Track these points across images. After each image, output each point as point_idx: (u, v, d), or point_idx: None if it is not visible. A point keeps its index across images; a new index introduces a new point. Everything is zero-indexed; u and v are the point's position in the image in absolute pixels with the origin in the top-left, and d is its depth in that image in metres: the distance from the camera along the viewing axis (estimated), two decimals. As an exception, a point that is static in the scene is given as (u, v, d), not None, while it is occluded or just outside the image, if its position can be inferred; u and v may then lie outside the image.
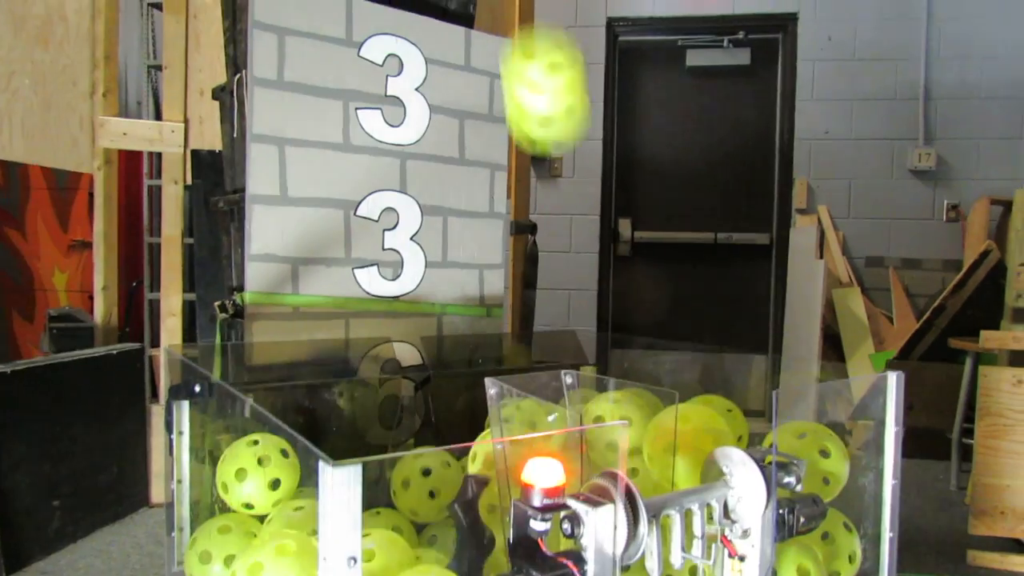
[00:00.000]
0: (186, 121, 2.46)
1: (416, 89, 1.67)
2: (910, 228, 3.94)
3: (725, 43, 4.15)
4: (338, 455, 0.64)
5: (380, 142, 1.62)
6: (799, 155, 4.03)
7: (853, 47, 3.97)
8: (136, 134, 2.38)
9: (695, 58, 4.19)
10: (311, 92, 1.53)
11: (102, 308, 2.43)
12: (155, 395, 2.76)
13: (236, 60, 2.08)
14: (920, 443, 3.05)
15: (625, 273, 4.34)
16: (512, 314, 2.79)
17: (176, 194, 2.42)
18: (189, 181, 2.49)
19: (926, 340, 2.97)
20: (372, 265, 1.63)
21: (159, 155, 4.32)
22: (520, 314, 2.85)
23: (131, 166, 4.57)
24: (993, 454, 1.93)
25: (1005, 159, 3.86)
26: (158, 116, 4.54)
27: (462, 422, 1.62)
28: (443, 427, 1.55)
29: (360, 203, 1.60)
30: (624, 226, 4.28)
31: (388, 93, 1.63)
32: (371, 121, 1.61)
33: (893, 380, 1.13)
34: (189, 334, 2.62)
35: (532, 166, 4.17)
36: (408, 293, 1.68)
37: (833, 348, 3.60)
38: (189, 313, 2.60)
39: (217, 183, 2.30)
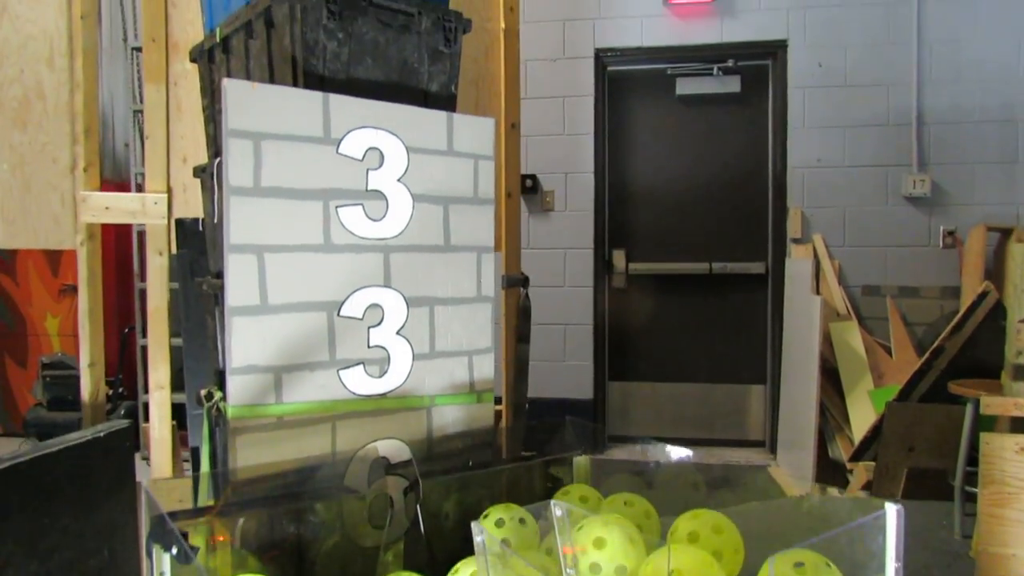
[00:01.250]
0: (169, 191, 2.42)
1: (398, 180, 1.64)
2: (906, 255, 3.91)
3: (715, 71, 4.11)
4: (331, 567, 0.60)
5: (362, 239, 1.59)
6: (792, 183, 4.00)
7: (844, 73, 3.94)
8: (119, 207, 2.34)
9: (685, 87, 4.16)
10: (290, 195, 1.49)
11: (89, 385, 2.39)
12: (146, 460, 2.72)
13: (216, 139, 2.05)
14: (922, 484, 3.03)
15: (621, 305, 4.30)
16: (506, 369, 2.76)
17: (161, 266, 2.39)
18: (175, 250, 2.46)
19: (926, 380, 2.94)
20: (358, 364, 1.59)
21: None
22: (515, 368, 2.82)
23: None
24: (998, 522, 1.90)
25: (1001, 183, 3.84)
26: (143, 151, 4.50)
27: (454, 527, 1.58)
28: (431, 534, 1.51)
29: (343, 303, 1.57)
30: (618, 258, 4.25)
31: (369, 188, 1.60)
32: (352, 218, 1.57)
33: (892, 517, 1.09)
34: (177, 380, 2.58)
35: (524, 201, 4.15)
36: (396, 389, 1.65)
37: (832, 382, 3.57)
38: (176, 359, 2.56)
39: (202, 251, 2.27)
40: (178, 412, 2.51)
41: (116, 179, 4.46)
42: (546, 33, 4.12)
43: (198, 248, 2.51)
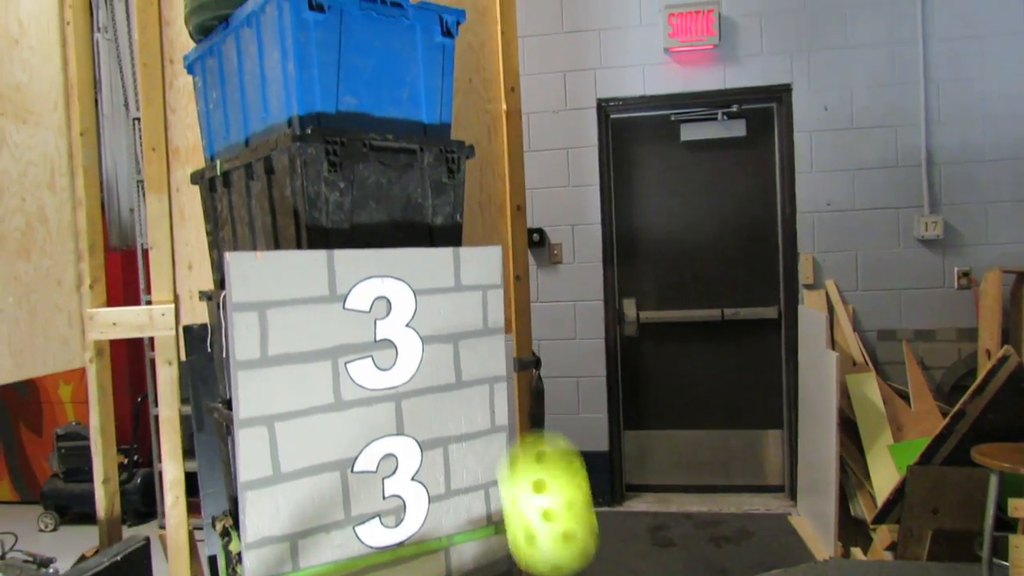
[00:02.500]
0: (176, 298, 2.41)
1: (406, 325, 1.61)
2: (921, 298, 3.86)
3: (719, 116, 4.07)
4: None
5: (373, 390, 1.57)
6: (802, 227, 3.95)
7: (850, 115, 3.89)
8: (126, 322, 2.33)
9: (689, 132, 4.12)
10: (298, 360, 1.47)
11: (104, 500, 2.38)
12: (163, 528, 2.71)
13: (221, 267, 2.03)
14: (948, 546, 2.98)
15: (633, 354, 4.27)
16: (521, 454, 2.73)
17: (171, 376, 2.37)
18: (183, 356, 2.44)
19: (948, 444, 2.90)
20: (373, 518, 1.57)
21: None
22: (529, 452, 2.79)
23: (128, 275, 4.54)
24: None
25: (1015, 222, 3.78)
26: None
27: None
28: None
29: (356, 458, 1.55)
30: (629, 306, 4.22)
31: (378, 338, 1.57)
32: (362, 371, 1.55)
33: None
34: (188, 443, 2.54)
35: (531, 254, 4.12)
36: (413, 535, 1.63)
37: (850, 433, 3.53)
38: (187, 427, 2.52)
39: (212, 358, 2.25)
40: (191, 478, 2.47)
41: (122, 246, 4.46)
42: (547, 85, 4.09)
43: (206, 355, 2.50)
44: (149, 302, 4.30)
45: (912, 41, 3.81)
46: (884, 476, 3.28)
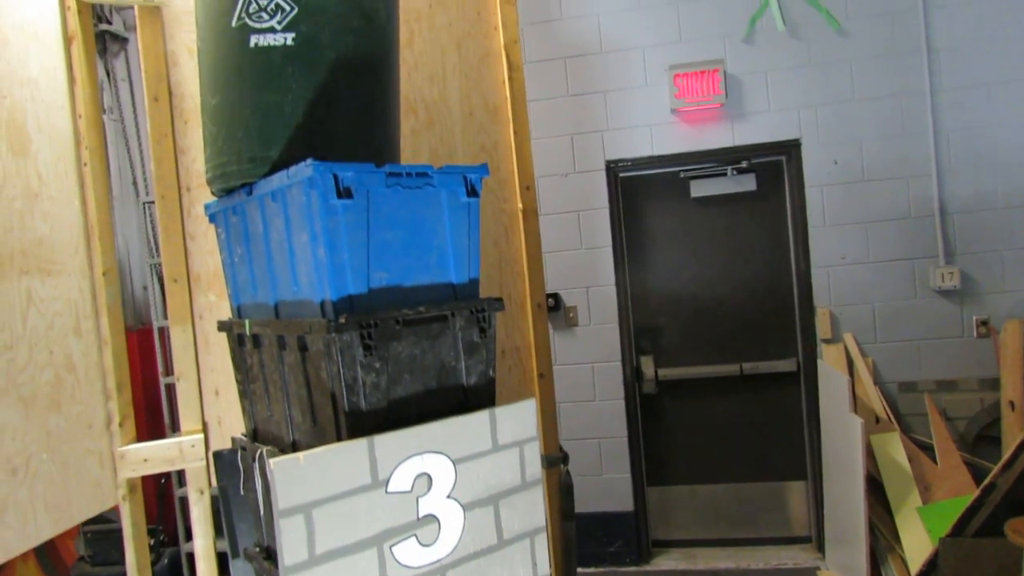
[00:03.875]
0: (204, 426, 2.41)
1: (448, 497, 1.61)
2: (940, 348, 3.85)
3: (729, 172, 4.06)
4: None
5: (417, 568, 1.57)
6: (818, 281, 3.94)
7: (861, 168, 3.88)
8: (157, 457, 2.33)
9: (700, 188, 4.11)
10: (344, 553, 1.47)
11: (141, 633, 2.38)
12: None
13: (253, 414, 2.03)
14: (983, 617, 2.97)
15: (653, 411, 4.27)
16: (553, 552, 2.73)
17: (204, 506, 2.38)
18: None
19: (980, 516, 2.89)
20: None
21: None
22: (562, 549, 2.80)
23: (144, 354, 4.55)
24: None
25: (1031, 269, 3.76)
26: (164, 295, 4.51)
27: None
28: None
29: (405, 639, 1.55)
30: (647, 364, 4.21)
31: (421, 515, 1.57)
32: (406, 552, 1.55)
33: None
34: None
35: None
36: None
37: (876, 493, 3.52)
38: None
39: (242, 484, 2.25)
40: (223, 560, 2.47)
41: (137, 325, 4.47)
42: (555, 148, 4.09)
43: (236, 480, 2.50)
44: (168, 387, 4.32)
45: (919, 92, 3.79)
46: (915, 540, 3.27)
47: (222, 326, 2.05)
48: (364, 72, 1.77)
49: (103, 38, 4.31)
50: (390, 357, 1.60)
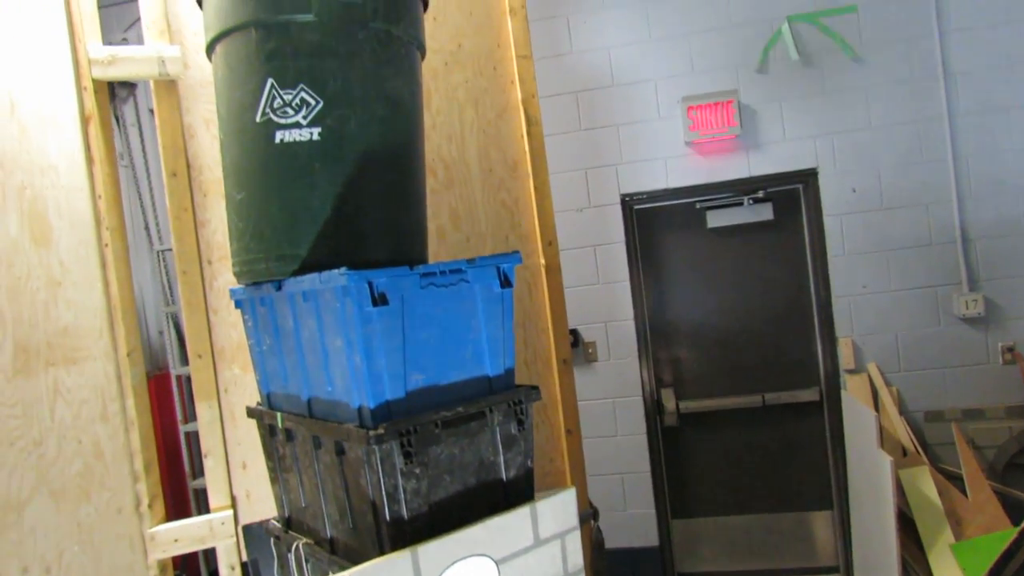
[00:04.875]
0: (233, 500, 2.39)
1: (492, 600, 1.59)
2: (966, 376, 3.80)
3: (745, 201, 4.02)
4: None
5: (465, 676, 1.54)
6: (839, 311, 3.90)
7: (880, 195, 3.83)
8: (187, 536, 2.30)
9: (716, 219, 4.08)
10: (391, 669, 1.44)
11: None
12: None
13: (287, 503, 2.00)
14: (1023, 660, 2.93)
15: (676, 444, 4.23)
16: (587, 610, 2.71)
17: (235, 583, 2.36)
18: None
19: (1016, 560, 2.86)
20: None
21: (193, 400, 4.26)
22: (595, 607, 2.77)
23: (162, 401, 4.53)
24: None
25: (1057, 294, 3.72)
26: (180, 341, 4.50)
27: None
28: None
29: None
30: (667, 397, 4.18)
31: (466, 622, 1.55)
32: (453, 660, 1.52)
33: None
34: None
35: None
36: None
37: (907, 529, 3.48)
38: None
39: (272, 557, 2.22)
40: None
41: (155, 370, 4.45)
42: (569, 183, 4.05)
43: (268, 552, 2.48)
44: (187, 434, 4.30)
45: (937, 118, 3.75)
46: (949, 578, 3.23)
47: (252, 413, 2.02)
48: (391, 161, 1.75)
49: (111, 83, 4.29)
50: (430, 461, 1.57)
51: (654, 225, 4.17)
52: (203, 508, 4.33)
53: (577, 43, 4.01)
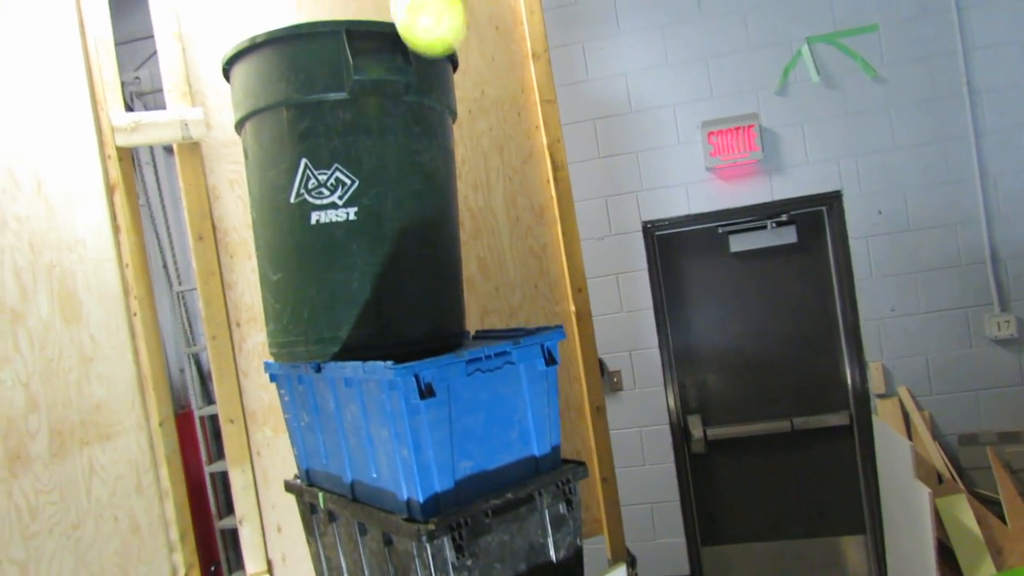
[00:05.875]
0: (269, 564, 2.36)
1: None
2: (1000, 398, 3.74)
3: (769, 225, 3.97)
4: None
5: None
6: (868, 334, 3.85)
7: (906, 217, 3.77)
8: (225, 605, 2.28)
9: (739, 243, 4.02)
10: None
11: None
12: None
13: (320, 565, 1.97)
14: None
15: (704, 471, 4.18)
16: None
17: (272, 648, 2.33)
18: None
19: (1062, 594, 2.80)
20: None
21: (217, 438, 4.25)
22: (636, 656, 2.72)
23: (185, 438, 4.50)
24: None
25: (1090, 313, 3.65)
26: (202, 380, 4.48)
27: None
28: None
29: None
30: (694, 424, 4.13)
31: None
32: None
33: None
34: None
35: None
36: None
37: (945, 557, 3.42)
38: None
39: None
40: None
41: (178, 408, 4.43)
42: (590, 211, 4.01)
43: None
44: (212, 475, 4.28)
45: (963, 136, 3.69)
46: (991, 610, 3.17)
47: (291, 488, 1.99)
48: (428, 235, 1.71)
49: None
50: (480, 552, 1.54)
51: (676, 251, 4.12)
52: (230, 548, 4.31)
53: (593, 70, 3.96)
